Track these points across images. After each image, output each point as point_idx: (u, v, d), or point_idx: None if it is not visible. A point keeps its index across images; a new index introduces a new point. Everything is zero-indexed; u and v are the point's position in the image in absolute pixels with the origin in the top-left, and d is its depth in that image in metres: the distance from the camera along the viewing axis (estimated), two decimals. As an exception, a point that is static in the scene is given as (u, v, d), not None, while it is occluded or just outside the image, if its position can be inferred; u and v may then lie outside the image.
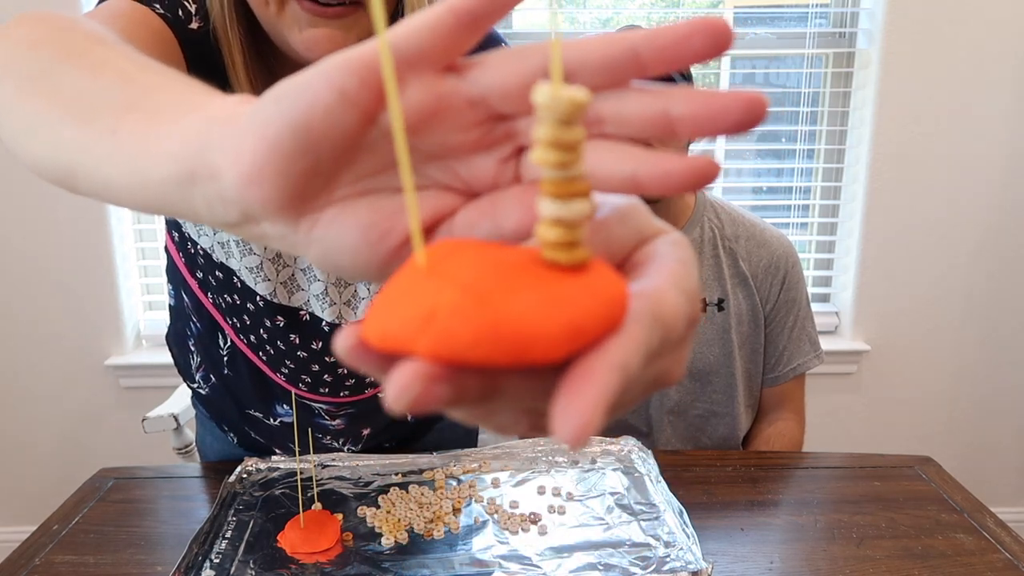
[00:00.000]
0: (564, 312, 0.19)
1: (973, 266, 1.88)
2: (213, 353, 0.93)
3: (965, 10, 1.72)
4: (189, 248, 0.85)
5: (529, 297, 0.19)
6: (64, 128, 0.34)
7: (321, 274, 0.81)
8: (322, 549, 0.78)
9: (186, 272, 0.88)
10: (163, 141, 0.27)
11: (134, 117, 0.30)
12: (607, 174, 0.24)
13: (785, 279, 1.22)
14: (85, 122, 0.32)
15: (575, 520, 0.84)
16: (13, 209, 1.75)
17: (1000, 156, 1.81)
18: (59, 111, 0.35)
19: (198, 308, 0.91)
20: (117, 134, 0.30)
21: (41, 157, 0.37)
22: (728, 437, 1.26)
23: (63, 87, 0.36)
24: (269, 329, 0.86)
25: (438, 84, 0.25)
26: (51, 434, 1.91)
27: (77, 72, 0.37)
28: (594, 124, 0.25)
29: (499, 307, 0.18)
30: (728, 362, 1.22)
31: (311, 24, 0.61)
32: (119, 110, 0.31)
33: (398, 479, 0.93)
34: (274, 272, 0.82)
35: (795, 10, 1.85)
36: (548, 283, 0.20)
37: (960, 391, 1.97)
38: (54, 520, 0.89)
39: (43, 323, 1.82)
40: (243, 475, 0.93)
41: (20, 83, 0.39)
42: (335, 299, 0.83)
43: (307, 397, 0.92)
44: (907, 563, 0.80)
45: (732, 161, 1.95)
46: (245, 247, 0.80)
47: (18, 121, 0.39)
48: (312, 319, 0.85)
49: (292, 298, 0.83)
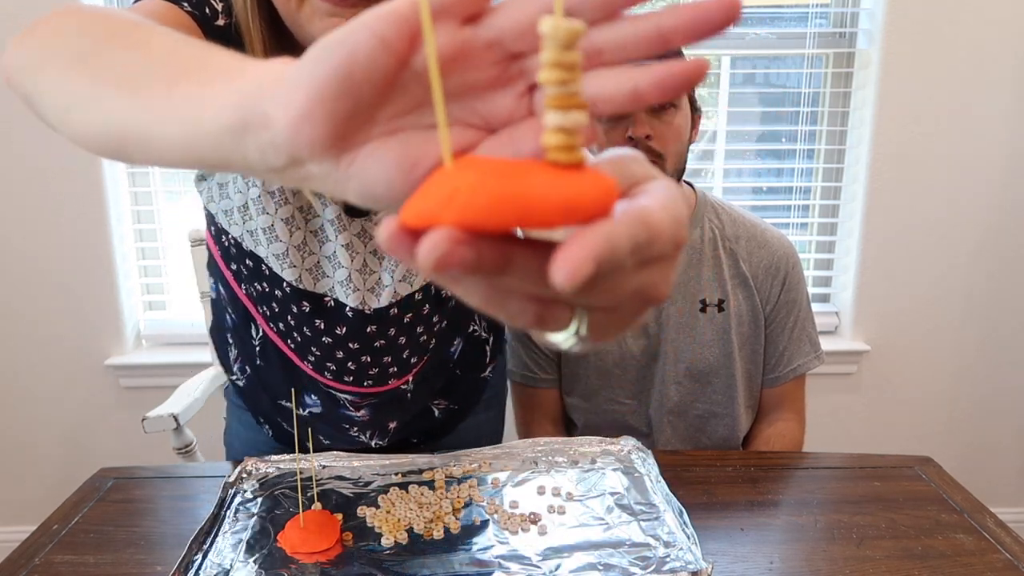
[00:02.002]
0: (562, 191, 0.23)
1: (973, 266, 1.88)
2: (247, 344, 0.96)
3: (965, 10, 1.72)
4: (223, 241, 0.88)
5: (534, 179, 0.23)
6: (117, 99, 0.37)
7: (345, 261, 0.84)
8: (322, 549, 0.78)
9: (222, 264, 0.92)
10: (217, 98, 0.31)
11: (186, 83, 0.34)
12: (612, 93, 0.28)
13: (786, 280, 1.22)
14: (138, 91, 0.36)
15: (575, 520, 0.84)
16: (13, 209, 1.75)
17: (1000, 156, 1.81)
18: (111, 85, 0.38)
19: (233, 300, 0.94)
20: (171, 98, 0.34)
21: (92, 129, 0.39)
22: (728, 437, 1.26)
23: (113, 63, 0.40)
24: (296, 315, 0.88)
25: (460, 31, 0.28)
26: (51, 434, 1.91)
27: (124, 50, 0.40)
28: (595, 55, 0.28)
29: (509, 184, 0.23)
30: (728, 363, 1.22)
31: (329, 14, 0.65)
32: (170, 79, 0.35)
33: (398, 479, 0.93)
34: (299, 259, 0.84)
35: (795, 10, 1.85)
36: (551, 173, 0.24)
37: (960, 391, 1.97)
38: (54, 520, 0.89)
39: (43, 323, 1.82)
40: (243, 475, 0.93)
41: (68, 63, 0.43)
42: (359, 285, 0.85)
43: (332, 386, 0.93)
44: (907, 563, 0.80)
45: (732, 161, 1.95)
46: (272, 234, 0.82)
47: (67, 98, 0.42)
48: (336, 305, 0.87)
49: (317, 284, 0.86)
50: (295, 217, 0.82)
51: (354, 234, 0.83)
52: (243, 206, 0.83)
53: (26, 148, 1.71)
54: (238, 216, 0.84)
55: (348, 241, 0.83)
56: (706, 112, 1.89)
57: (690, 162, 1.23)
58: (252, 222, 0.83)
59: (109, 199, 1.76)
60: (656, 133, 1.11)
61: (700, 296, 1.21)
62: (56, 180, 1.74)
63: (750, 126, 1.95)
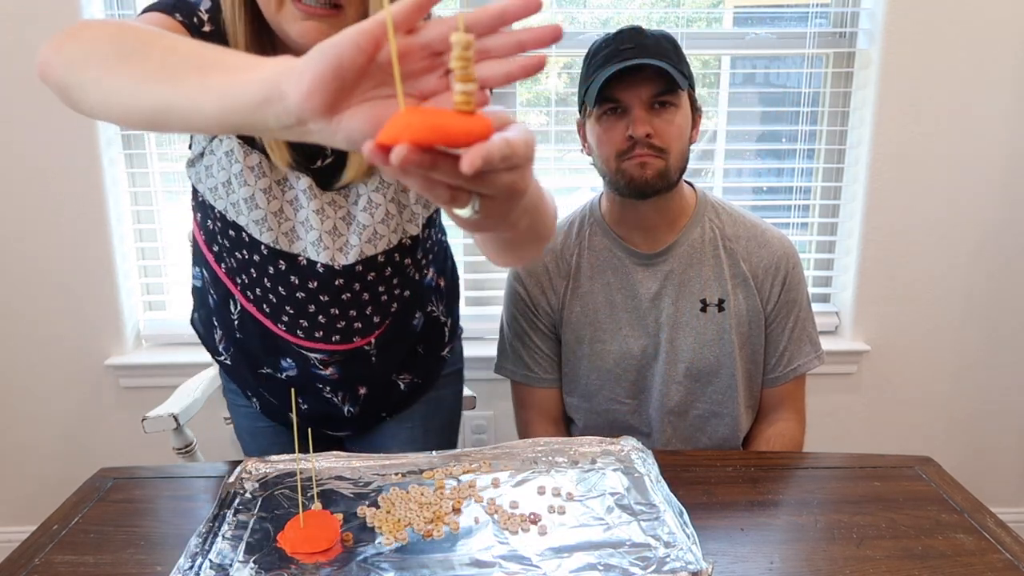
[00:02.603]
0: (462, 125, 0.42)
1: (973, 266, 1.88)
2: (227, 320, 1.08)
3: (965, 10, 1.72)
4: (208, 223, 1.01)
5: (449, 119, 0.42)
6: (158, 84, 0.54)
7: (316, 224, 0.97)
8: (322, 549, 0.78)
9: (205, 248, 1.05)
10: (246, 83, 0.48)
11: (214, 73, 0.51)
12: (495, 75, 0.47)
13: (786, 280, 1.22)
14: (176, 78, 0.53)
15: (575, 520, 0.84)
16: (13, 209, 1.75)
17: (1000, 156, 1.81)
18: (151, 75, 0.55)
19: (215, 280, 1.06)
20: (206, 83, 0.51)
21: (132, 108, 0.56)
22: (728, 437, 1.26)
23: (151, 59, 0.56)
24: (271, 276, 0.99)
25: (406, 38, 0.47)
26: (51, 434, 1.90)
27: (158, 50, 0.56)
28: (485, 53, 0.47)
29: (436, 121, 0.42)
30: (728, 362, 1.22)
31: (303, 18, 0.80)
32: (201, 71, 0.52)
33: (398, 479, 0.93)
34: (276, 224, 0.97)
35: (795, 10, 1.85)
36: (457, 116, 0.42)
37: (960, 391, 1.97)
38: (54, 520, 0.89)
39: (43, 323, 1.82)
40: (243, 475, 0.93)
41: (108, 63, 0.58)
42: (328, 245, 0.98)
43: (304, 345, 1.04)
44: (907, 563, 0.80)
45: (732, 161, 1.95)
46: (252, 203, 0.94)
47: (109, 89, 0.58)
48: (309, 263, 0.99)
49: (292, 246, 0.98)
50: (272, 188, 0.94)
51: (325, 202, 0.96)
52: (226, 182, 0.94)
53: (26, 148, 1.71)
54: (222, 191, 0.95)
55: (320, 207, 0.96)
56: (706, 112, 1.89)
57: (690, 162, 1.23)
58: (235, 194, 0.95)
59: (109, 199, 1.76)
60: (657, 131, 1.11)
61: (700, 296, 1.21)
62: (56, 180, 1.74)
63: (750, 126, 1.95)
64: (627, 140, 1.12)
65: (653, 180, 1.13)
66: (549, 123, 1.87)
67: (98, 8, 1.71)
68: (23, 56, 1.66)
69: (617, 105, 1.12)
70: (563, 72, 1.85)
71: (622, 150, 1.13)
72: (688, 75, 1.15)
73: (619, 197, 1.20)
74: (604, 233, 1.25)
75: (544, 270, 1.27)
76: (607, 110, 1.14)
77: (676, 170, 1.15)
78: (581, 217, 1.29)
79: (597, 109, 1.14)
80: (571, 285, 1.26)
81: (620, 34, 1.14)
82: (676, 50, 1.15)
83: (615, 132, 1.13)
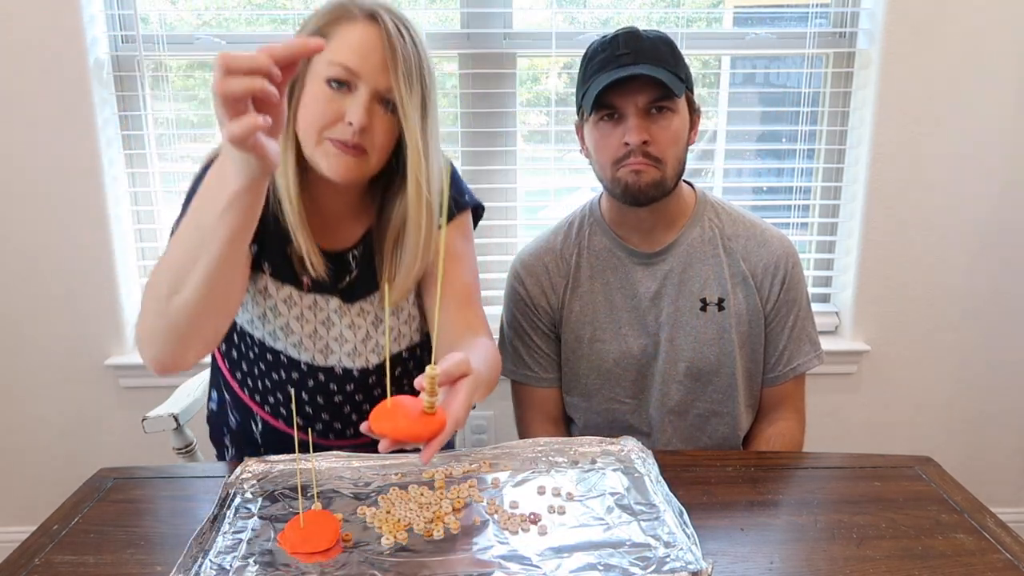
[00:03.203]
0: (428, 425, 0.73)
1: (973, 266, 1.88)
2: (249, 437, 1.17)
3: (965, 10, 1.72)
4: (233, 352, 1.12)
5: (416, 421, 0.73)
6: (195, 271, 0.84)
7: (350, 336, 1.08)
8: (322, 549, 0.78)
9: (228, 375, 1.15)
10: (221, 199, 0.79)
11: (204, 225, 0.82)
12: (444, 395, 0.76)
13: (785, 279, 1.22)
14: (197, 261, 0.83)
15: (575, 520, 0.84)
16: (13, 210, 1.75)
17: (1000, 156, 1.81)
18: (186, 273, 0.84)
19: (237, 403, 1.16)
20: (205, 240, 0.82)
21: (194, 294, 0.85)
22: (728, 437, 1.26)
23: (174, 267, 0.86)
24: (310, 389, 1.10)
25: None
26: (51, 434, 1.90)
27: (178, 255, 0.86)
28: (447, 379, 0.77)
29: (404, 423, 0.73)
30: (728, 362, 1.22)
31: (336, 154, 0.95)
32: (200, 242, 0.82)
33: (398, 479, 0.93)
34: (312, 344, 1.08)
35: (795, 10, 1.85)
36: (422, 419, 0.74)
37: (960, 391, 1.97)
38: (54, 520, 0.89)
39: (43, 323, 1.82)
40: (243, 475, 0.93)
41: (157, 304, 0.87)
42: (362, 351, 1.10)
43: (335, 444, 1.13)
44: (907, 563, 0.80)
45: (732, 161, 1.95)
46: (288, 330, 1.07)
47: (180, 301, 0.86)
48: (344, 371, 1.10)
49: (328, 360, 1.09)
50: (303, 315, 1.06)
51: (355, 315, 1.08)
52: (262, 314, 1.06)
53: (26, 149, 1.71)
54: (259, 323, 1.07)
55: (351, 321, 1.08)
56: (706, 112, 1.89)
57: (690, 162, 1.23)
58: (270, 324, 1.06)
59: (109, 199, 1.76)
60: (653, 137, 1.11)
61: (700, 295, 1.21)
62: (56, 180, 1.74)
63: (750, 126, 1.95)
64: (623, 147, 1.12)
65: (647, 188, 1.13)
66: (549, 123, 1.87)
67: (98, 8, 1.72)
68: (23, 56, 1.66)
69: (614, 111, 1.12)
70: (563, 72, 1.85)
71: (618, 157, 1.13)
72: (686, 77, 1.14)
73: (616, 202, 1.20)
74: (604, 233, 1.25)
75: (544, 270, 1.27)
76: (604, 116, 1.13)
77: (672, 177, 1.15)
78: (581, 217, 1.29)
79: (594, 115, 1.14)
80: (571, 285, 1.26)
81: (616, 38, 1.13)
82: (673, 52, 1.14)
83: (611, 139, 1.13)
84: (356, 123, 0.92)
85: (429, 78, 0.97)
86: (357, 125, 0.92)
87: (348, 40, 0.93)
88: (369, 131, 0.94)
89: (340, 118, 0.94)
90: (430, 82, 0.98)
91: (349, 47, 0.93)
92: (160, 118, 1.83)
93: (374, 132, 0.95)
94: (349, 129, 0.93)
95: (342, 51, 0.93)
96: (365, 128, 0.93)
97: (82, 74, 1.68)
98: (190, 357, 0.91)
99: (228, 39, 1.78)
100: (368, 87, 0.93)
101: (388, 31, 0.93)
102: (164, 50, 1.76)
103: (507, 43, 1.80)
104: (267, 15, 1.84)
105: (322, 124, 0.94)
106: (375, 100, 0.94)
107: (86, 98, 1.69)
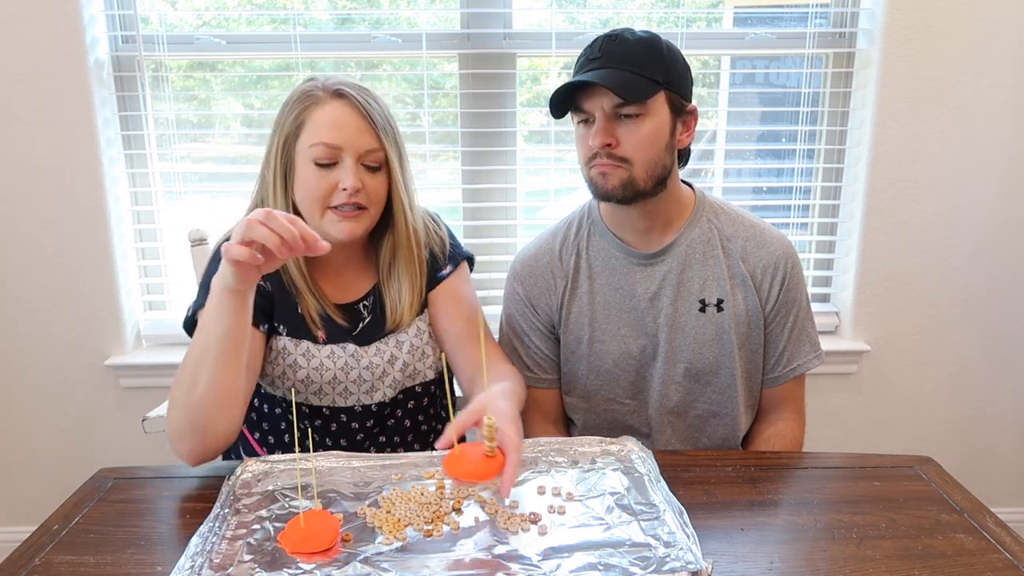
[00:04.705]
0: (490, 466, 0.85)
1: (973, 266, 1.88)
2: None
3: (965, 10, 1.72)
4: (252, 415, 1.21)
5: (480, 462, 0.86)
6: (205, 372, 0.96)
7: (368, 377, 1.16)
8: (322, 549, 0.78)
9: (250, 438, 1.22)
10: (212, 304, 0.96)
11: (208, 333, 0.97)
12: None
13: (785, 279, 1.22)
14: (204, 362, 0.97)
15: (575, 520, 0.84)
16: (13, 209, 1.75)
17: (1000, 156, 1.81)
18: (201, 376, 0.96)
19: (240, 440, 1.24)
20: (209, 342, 0.96)
21: (213, 383, 0.96)
22: (728, 437, 1.26)
23: (188, 368, 0.99)
24: (333, 433, 1.18)
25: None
26: (51, 434, 1.90)
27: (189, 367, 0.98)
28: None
29: (473, 466, 0.86)
30: (728, 362, 1.22)
31: (340, 220, 1.07)
32: (206, 344, 0.97)
33: (398, 479, 0.93)
34: (331, 389, 1.15)
35: (795, 10, 1.85)
36: (487, 460, 0.86)
37: (960, 391, 1.97)
38: (54, 520, 0.89)
39: (43, 323, 1.82)
40: (243, 475, 0.93)
41: (180, 397, 0.98)
42: (379, 387, 1.17)
43: None
44: (907, 563, 0.80)
45: (732, 161, 1.95)
46: (308, 381, 1.14)
47: (199, 389, 0.97)
48: (364, 408, 1.18)
49: (347, 400, 1.16)
50: (322, 365, 1.14)
51: (371, 356, 1.15)
52: (281, 374, 1.14)
53: (26, 149, 1.71)
54: (279, 382, 1.15)
55: (368, 363, 1.15)
56: (706, 112, 1.89)
57: (690, 162, 1.23)
58: (289, 380, 1.14)
59: (109, 199, 1.76)
60: (620, 140, 1.10)
61: (699, 296, 1.21)
62: (56, 180, 1.74)
63: (750, 126, 1.95)
64: (591, 148, 1.12)
65: (615, 190, 1.12)
66: (549, 123, 1.87)
67: (98, 8, 1.72)
68: (23, 56, 1.66)
69: (586, 114, 1.12)
70: (563, 72, 1.85)
71: (588, 158, 1.14)
72: (666, 80, 1.11)
73: None
74: (601, 234, 1.25)
75: (543, 270, 1.27)
76: (580, 119, 1.14)
77: (646, 179, 1.13)
78: (579, 218, 1.29)
79: (574, 117, 1.15)
80: (570, 285, 1.26)
81: (595, 42, 1.13)
82: (651, 55, 1.11)
83: (584, 140, 1.14)
84: (350, 187, 1.05)
85: (398, 129, 1.12)
86: (351, 189, 1.05)
87: (323, 120, 1.06)
88: (364, 189, 1.07)
89: (335, 188, 1.06)
90: (399, 132, 1.12)
91: (325, 126, 1.05)
92: (160, 118, 1.83)
93: (368, 189, 1.07)
94: (345, 194, 1.05)
95: (320, 131, 1.05)
96: (359, 189, 1.06)
97: (82, 74, 1.68)
98: (215, 447, 0.99)
99: (228, 39, 1.78)
100: (352, 154, 1.06)
101: (356, 100, 1.06)
102: (164, 50, 1.76)
103: (507, 43, 1.80)
104: (267, 15, 1.85)
105: (321, 198, 1.07)
106: (360, 164, 1.07)
107: (86, 98, 1.69)
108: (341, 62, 1.84)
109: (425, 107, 1.85)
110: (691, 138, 1.18)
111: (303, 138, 1.06)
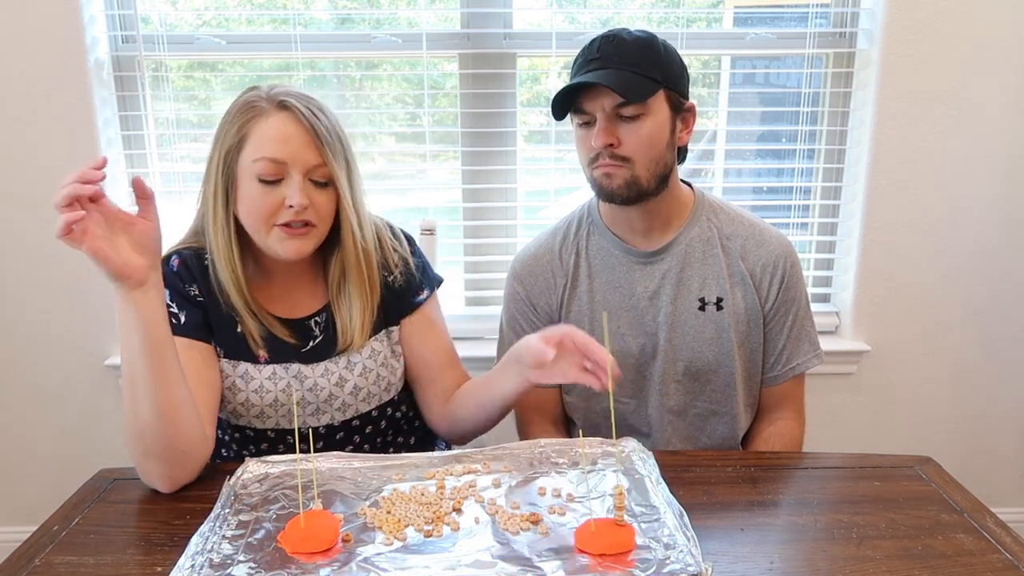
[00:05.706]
0: (622, 537, 0.79)
1: (973, 266, 1.88)
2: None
3: (965, 10, 1.72)
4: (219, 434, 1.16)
5: (615, 532, 0.80)
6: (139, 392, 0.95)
7: (312, 398, 1.12)
8: (322, 549, 0.78)
9: None
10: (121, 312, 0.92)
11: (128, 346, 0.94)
12: None
13: (784, 279, 1.22)
14: (136, 382, 0.95)
15: (576, 521, 0.84)
16: (14, 210, 1.75)
17: (1000, 156, 1.81)
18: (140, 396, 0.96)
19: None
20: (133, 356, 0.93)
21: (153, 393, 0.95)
22: (728, 436, 1.26)
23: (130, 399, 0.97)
24: (281, 453, 1.10)
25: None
26: (51, 434, 1.90)
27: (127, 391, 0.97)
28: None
29: (609, 539, 0.79)
30: (727, 361, 1.22)
31: (287, 238, 1.02)
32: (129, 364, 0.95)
33: (398, 479, 0.93)
34: (274, 411, 1.11)
35: (795, 10, 1.85)
36: (617, 531, 0.80)
37: (960, 391, 1.97)
38: (54, 520, 0.89)
39: (43, 323, 1.82)
40: (243, 475, 0.93)
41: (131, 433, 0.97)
42: (327, 410, 1.13)
43: None
44: (907, 563, 0.80)
45: (732, 161, 1.95)
46: (248, 404, 1.10)
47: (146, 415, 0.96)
48: (313, 430, 1.13)
49: (292, 423, 1.12)
50: (262, 387, 1.09)
51: (318, 376, 1.11)
52: (221, 397, 1.10)
53: (26, 149, 1.71)
54: (219, 405, 1.10)
55: (312, 384, 1.11)
56: (706, 112, 1.89)
57: (690, 162, 1.23)
58: (230, 404, 1.11)
59: (109, 199, 1.76)
60: (622, 140, 1.10)
61: (699, 294, 1.21)
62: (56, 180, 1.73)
63: (750, 126, 1.95)
64: (593, 149, 1.12)
65: (619, 190, 1.13)
66: (549, 123, 1.87)
67: (98, 8, 1.72)
68: (23, 56, 1.66)
69: (587, 115, 1.12)
70: (563, 72, 1.85)
71: (590, 159, 1.14)
72: (664, 78, 1.11)
73: None
74: (601, 233, 1.25)
75: (543, 270, 1.27)
76: (581, 120, 1.14)
77: (649, 178, 1.13)
78: (579, 217, 1.29)
79: (575, 118, 1.15)
80: (569, 285, 1.26)
81: (592, 43, 1.13)
82: (648, 54, 1.11)
83: (585, 141, 1.14)
84: (297, 204, 1.00)
85: (346, 140, 1.06)
86: (298, 206, 1.00)
87: (266, 134, 1.00)
88: (312, 206, 1.02)
89: (281, 205, 1.01)
90: (347, 143, 1.06)
91: (269, 140, 1.00)
92: (160, 118, 1.83)
93: (316, 205, 1.02)
94: (292, 211, 1.00)
95: (264, 146, 1.00)
96: (307, 206, 1.01)
97: (82, 74, 1.68)
98: (189, 467, 0.96)
99: (228, 39, 1.78)
100: (298, 169, 1.00)
101: (301, 112, 1.00)
102: (164, 50, 1.76)
103: (507, 43, 1.79)
104: (267, 15, 1.84)
105: (266, 215, 1.01)
106: (307, 179, 1.02)
107: (86, 98, 1.69)
108: (341, 62, 1.84)
109: (425, 107, 1.85)
110: (690, 135, 1.19)
111: (246, 152, 1.00)
